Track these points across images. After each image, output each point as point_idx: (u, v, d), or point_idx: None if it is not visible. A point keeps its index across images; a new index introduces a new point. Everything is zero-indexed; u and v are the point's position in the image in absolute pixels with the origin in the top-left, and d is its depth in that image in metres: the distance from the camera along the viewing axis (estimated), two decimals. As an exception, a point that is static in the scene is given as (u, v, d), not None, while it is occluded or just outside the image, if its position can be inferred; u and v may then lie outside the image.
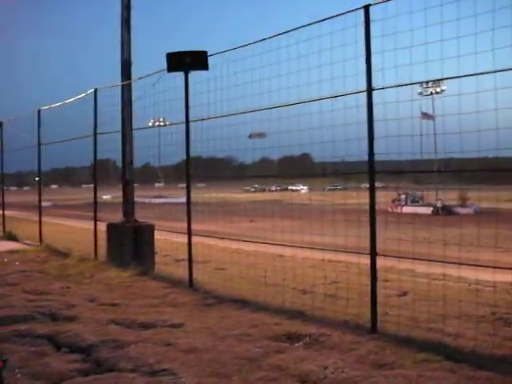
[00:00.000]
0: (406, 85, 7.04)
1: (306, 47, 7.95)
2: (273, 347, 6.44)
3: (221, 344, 6.55)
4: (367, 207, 7.30)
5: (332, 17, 7.49)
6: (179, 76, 10.42)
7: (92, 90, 13.82)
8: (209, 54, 10.14)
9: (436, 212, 46.84)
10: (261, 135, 9.41)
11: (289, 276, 10.16)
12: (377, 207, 7.35)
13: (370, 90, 7.13)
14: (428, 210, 45.30)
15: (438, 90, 7.31)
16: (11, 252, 14.95)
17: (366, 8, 7.09)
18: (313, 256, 11.26)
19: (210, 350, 6.35)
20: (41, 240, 16.87)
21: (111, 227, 12.88)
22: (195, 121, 10.36)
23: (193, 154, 10.63)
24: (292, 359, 6.01)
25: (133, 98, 13.03)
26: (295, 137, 8.61)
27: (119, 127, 13.24)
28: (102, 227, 13.38)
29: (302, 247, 10.26)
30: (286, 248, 10.98)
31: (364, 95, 7.23)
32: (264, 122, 9.20)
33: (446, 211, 45.36)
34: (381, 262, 7.46)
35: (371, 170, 7.22)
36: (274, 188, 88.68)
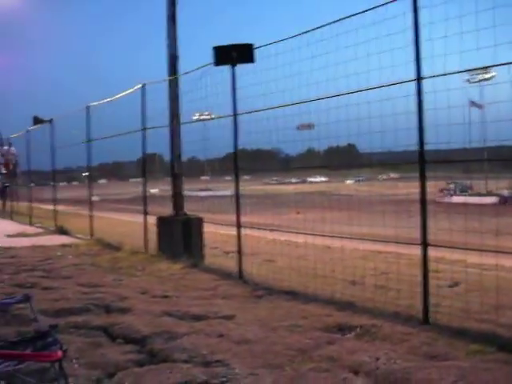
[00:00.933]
0: (456, 73, 6.93)
1: (354, 37, 7.90)
2: (324, 338, 6.44)
3: (272, 335, 6.59)
4: (409, 197, 7.23)
5: (380, 5, 7.43)
6: (226, 69, 10.48)
7: (140, 85, 13.98)
8: (255, 46, 10.16)
9: (504, 201, 45.54)
10: (309, 126, 9.39)
11: (338, 267, 10.10)
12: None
13: (419, 78, 7.05)
14: (489, 200, 44.32)
15: (487, 76, 7.17)
16: (64, 246, 15.28)
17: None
18: (362, 247, 11.19)
19: (261, 341, 6.39)
20: (92, 234, 17.19)
21: (161, 220, 13.06)
22: (242, 114, 10.40)
23: (239, 146, 10.68)
24: (343, 350, 6.01)
25: (180, 93, 13.15)
26: (343, 127, 8.59)
27: (167, 122, 13.39)
28: (151, 220, 13.56)
29: (351, 238, 10.23)
30: (335, 239, 10.96)
31: (412, 84, 7.17)
32: (312, 113, 9.19)
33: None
34: (431, 252, 7.37)
35: (421, 160, 7.14)
36: (293, 180, 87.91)
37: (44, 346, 4.58)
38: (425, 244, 7.13)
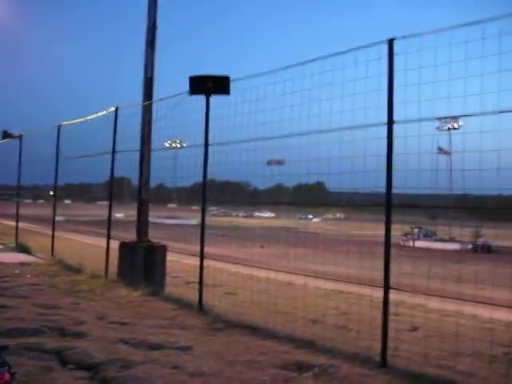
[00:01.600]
0: (426, 120, 7.04)
1: (330, 77, 8.00)
2: (281, 376, 6.36)
3: (229, 370, 6.49)
4: (368, 238, 7.28)
5: (357, 48, 7.55)
6: (200, 99, 10.50)
7: (113, 108, 13.92)
8: (231, 79, 10.22)
9: (475, 249, 46.10)
10: (279, 162, 9.42)
11: (299, 304, 10.09)
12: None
13: (390, 122, 7.14)
14: (452, 246, 44.80)
15: (456, 125, 7.34)
16: (23, 264, 14.99)
17: (391, 41, 7.14)
18: (325, 286, 11.19)
19: (217, 375, 6.29)
20: (53, 254, 16.90)
21: (124, 246, 12.89)
22: (214, 145, 10.40)
23: (208, 176, 10.65)
24: (300, 389, 5.95)
25: (153, 118, 13.11)
26: (313, 165, 8.63)
27: (137, 146, 13.32)
28: (115, 245, 13.40)
29: (313, 276, 10.23)
30: (298, 276, 10.95)
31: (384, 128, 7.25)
32: (283, 149, 9.23)
33: (485, 249, 44.81)
34: (393, 295, 7.39)
35: (388, 203, 7.19)
36: (240, 214, 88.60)
37: (-8, 367, 4.44)
38: (387, 287, 7.14)
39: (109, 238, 14.02)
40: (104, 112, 14.44)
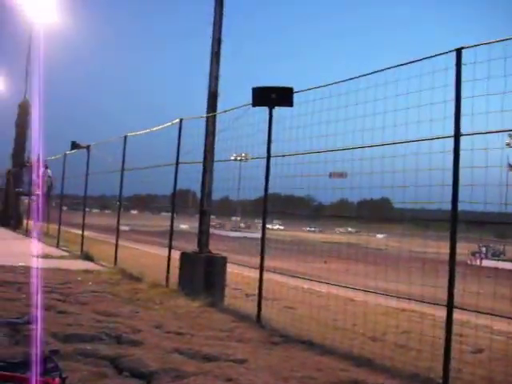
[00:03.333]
0: (496, 132, 6.76)
1: (394, 88, 7.83)
2: (337, 394, 6.20)
3: (283, 385, 6.36)
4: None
5: (422, 59, 7.36)
6: (263, 110, 10.46)
7: (177, 119, 14.06)
8: (294, 90, 10.14)
9: None
10: (341, 175, 9.25)
11: (359, 321, 9.86)
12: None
13: (457, 135, 6.90)
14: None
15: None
16: (86, 271, 15.26)
17: (459, 51, 6.91)
18: (386, 303, 10.91)
19: (271, 389, 6.17)
20: (115, 262, 17.15)
21: (185, 256, 12.95)
22: (277, 156, 10.32)
23: (272, 190, 10.57)
24: (356, 409, 5.76)
25: (216, 130, 13.16)
26: (377, 179, 8.46)
27: (201, 158, 13.38)
28: (177, 255, 13.47)
29: (375, 293, 9.98)
30: (359, 292, 10.72)
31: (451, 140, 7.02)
32: (345, 161, 9.08)
33: None
34: (457, 315, 7.11)
35: (454, 219, 6.93)
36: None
37: (44, 371, 4.47)
38: (450, 306, 6.87)
39: (170, 247, 14.11)
40: (169, 123, 14.60)
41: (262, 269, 10.34)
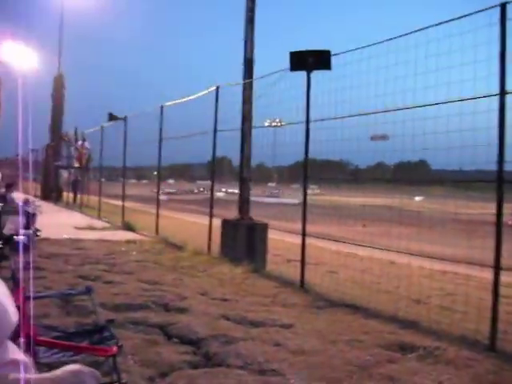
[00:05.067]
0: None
1: (435, 48, 7.67)
2: (384, 356, 6.21)
3: (331, 348, 6.40)
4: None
5: (466, 15, 7.17)
6: (300, 75, 10.37)
7: (214, 87, 14.00)
8: (332, 53, 10.01)
9: None
10: (383, 137, 9.16)
11: (403, 284, 9.84)
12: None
13: (503, 92, 6.75)
14: None
15: None
16: (128, 242, 15.46)
17: (503, 6, 6.72)
18: (429, 265, 10.85)
19: (319, 353, 6.22)
20: (157, 232, 17.33)
21: (226, 224, 13.02)
22: (316, 121, 10.25)
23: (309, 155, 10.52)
24: (404, 370, 5.77)
25: (253, 97, 13.10)
26: (418, 141, 8.35)
27: (238, 125, 13.35)
28: (216, 222, 13.55)
29: (417, 255, 9.93)
30: (401, 255, 10.68)
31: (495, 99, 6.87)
32: (386, 124, 8.96)
33: None
34: (503, 277, 7.04)
35: (500, 179, 6.82)
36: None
37: (100, 340, 4.57)
38: (497, 267, 6.80)
39: (211, 215, 14.20)
40: (205, 91, 14.55)
41: (304, 233, 10.35)
